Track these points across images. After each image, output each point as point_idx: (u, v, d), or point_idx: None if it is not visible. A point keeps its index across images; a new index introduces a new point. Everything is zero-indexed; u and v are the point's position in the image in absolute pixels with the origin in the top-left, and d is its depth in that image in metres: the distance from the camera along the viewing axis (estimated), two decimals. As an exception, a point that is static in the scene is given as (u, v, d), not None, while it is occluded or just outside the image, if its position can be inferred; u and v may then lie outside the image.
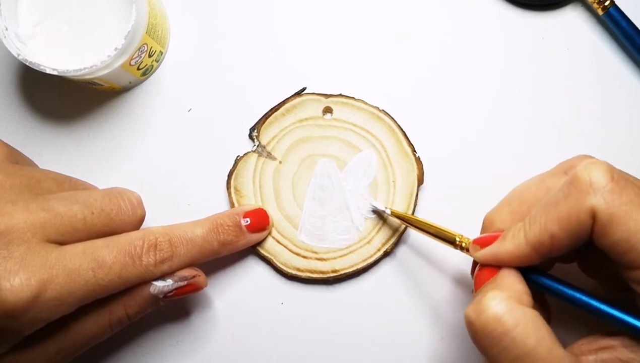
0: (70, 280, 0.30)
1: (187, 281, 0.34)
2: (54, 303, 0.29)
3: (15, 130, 0.41)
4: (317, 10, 0.41)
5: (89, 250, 0.31)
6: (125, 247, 0.32)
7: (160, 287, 0.33)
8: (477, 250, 0.31)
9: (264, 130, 0.39)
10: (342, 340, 0.38)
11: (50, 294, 0.29)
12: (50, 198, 0.31)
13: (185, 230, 0.34)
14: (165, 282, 0.33)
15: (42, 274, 0.29)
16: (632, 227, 0.26)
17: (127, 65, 0.37)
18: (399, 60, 0.41)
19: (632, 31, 0.39)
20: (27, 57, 0.35)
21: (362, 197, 0.38)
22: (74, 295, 0.30)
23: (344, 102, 0.39)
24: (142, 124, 0.41)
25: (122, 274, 0.31)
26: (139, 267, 0.32)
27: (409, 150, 0.39)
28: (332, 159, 0.39)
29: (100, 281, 0.30)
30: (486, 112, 0.40)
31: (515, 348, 0.26)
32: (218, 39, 0.41)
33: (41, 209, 0.30)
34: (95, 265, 0.30)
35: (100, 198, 0.33)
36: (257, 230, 0.37)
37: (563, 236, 0.27)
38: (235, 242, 0.36)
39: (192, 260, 0.34)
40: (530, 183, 0.31)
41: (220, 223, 0.36)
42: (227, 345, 0.39)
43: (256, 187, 0.39)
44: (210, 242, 0.35)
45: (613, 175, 0.27)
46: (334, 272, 0.38)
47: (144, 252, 0.32)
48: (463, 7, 0.41)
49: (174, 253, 0.33)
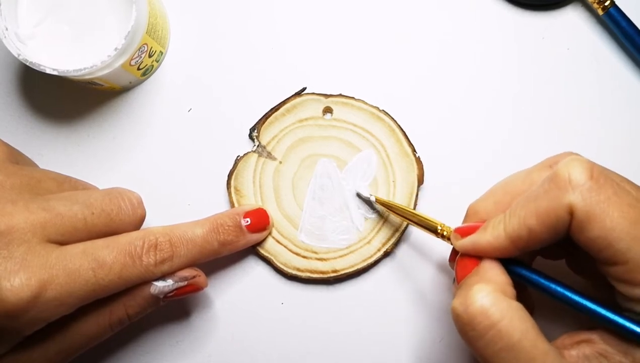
0: (71, 280, 0.30)
1: (187, 281, 0.34)
2: (54, 304, 0.29)
3: (16, 130, 0.41)
4: (317, 10, 0.41)
5: (89, 250, 0.31)
6: (126, 247, 0.32)
7: (160, 287, 0.33)
8: (458, 239, 0.31)
9: (264, 130, 0.39)
10: (342, 340, 0.38)
11: (50, 294, 0.29)
12: (50, 198, 0.31)
13: (186, 230, 0.34)
14: (166, 282, 0.33)
15: (42, 274, 0.29)
16: (608, 225, 0.26)
17: (127, 65, 0.37)
18: (399, 60, 0.41)
19: (632, 31, 0.39)
20: (27, 57, 0.35)
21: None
22: (74, 295, 0.30)
23: (344, 102, 0.39)
24: (142, 124, 0.41)
25: (123, 274, 0.31)
26: (139, 267, 0.32)
27: (409, 150, 0.39)
28: (332, 159, 0.39)
29: (100, 281, 0.30)
30: (486, 112, 0.40)
31: (500, 340, 0.27)
32: (218, 39, 0.41)
33: (41, 209, 0.30)
34: (95, 265, 0.30)
35: (100, 198, 0.33)
36: (258, 230, 0.37)
37: (541, 231, 0.28)
38: (235, 242, 0.36)
39: (193, 260, 0.34)
40: (516, 176, 0.32)
41: (221, 223, 0.36)
42: (227, 345, 0.39)
43: (256, 187, 0.39)
44: (211, 242, 0.35)
45: (593, 172, 0.27)
46: (334, 272, 0.38)
47: (144, 252, 0.32)
48: (463, 7, 0.41)
49: (174, 253, 0.33)
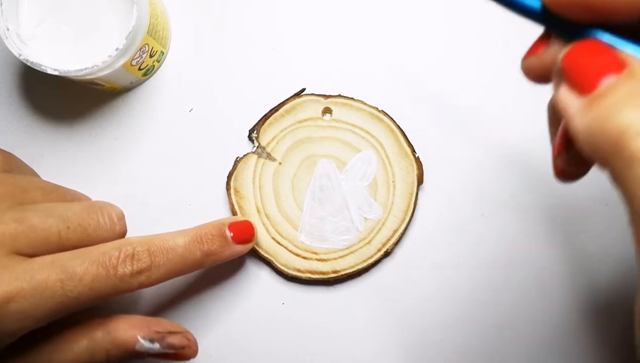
0: (37, 292, 0.28)
1: (175, 350, 0.32)
2: (19, 317, 0.28)
3: (16, 131, 0.41)
4: (317, 11, 0.41)
5: (58, 261, 0.29)
6: (99, 257, 0.30)
7: (146, 347, 0.32)
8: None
9: (264, 131, 0.39)
10: (343, 340, 0.38)
11: (14, 307, 0.28)
12: (27, 209, 0.31)
13: (166, 239, 0.33)
14: (153, 344, 0.32)
15: (6, 286, 0.28)
16: None
17: (128, 66, 0.37)
18: (398, 61, 0.41)
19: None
20: (28, 57, 0.35)
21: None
22: (40, 308, 0.28)
23: (343, 102, 0.40)
24: (143, 124, 0.41)
25: (94, 285, 0.30)
26: (114, 278, 0.30)
27: (408, 151, 0.39)
28: (331, 159, 0.39)
29: (69, 293, 0.29)
30: (486, 112, 0.40)
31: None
32: (219, 40, 0.41)
33: (13, 221, 0.30)
34: (64, 277, 0.29)
35: (79, 212, 0.32)
36: (242, 242, 0.36)
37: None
38: (219, 252, 0.34)
39: (174, 271, 0.33)
40: None
41: (205, 232, 0.34)
42: (227, 345, 0.39)
43: (256, 188, 0.39)
44: (193, 251, 0.33)
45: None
46: (334, 273, 0.38)
47: (119, 263, 0.30)
48: (463, 7, 0.41)
49: (152, 263, 0.31)
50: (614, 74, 0.19)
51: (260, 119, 0.40)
